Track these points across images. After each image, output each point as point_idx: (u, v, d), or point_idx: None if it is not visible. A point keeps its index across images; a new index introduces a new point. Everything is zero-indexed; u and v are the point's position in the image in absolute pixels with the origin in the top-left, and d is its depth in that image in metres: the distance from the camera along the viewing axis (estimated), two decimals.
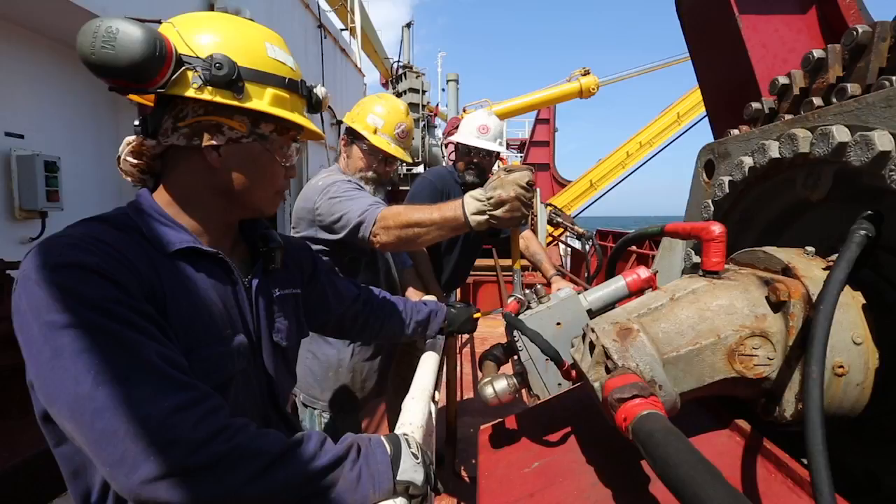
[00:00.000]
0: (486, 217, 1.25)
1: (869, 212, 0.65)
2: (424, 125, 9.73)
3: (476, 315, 1.48)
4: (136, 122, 0.82)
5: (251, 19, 0.91)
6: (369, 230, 1.45)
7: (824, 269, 0.71)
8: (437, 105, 14.30)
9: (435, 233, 1.35)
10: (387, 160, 1.84)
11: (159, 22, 0.79)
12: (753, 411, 0.76)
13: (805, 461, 0.60)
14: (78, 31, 0.69)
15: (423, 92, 10.23)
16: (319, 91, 0.91)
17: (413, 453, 0.76)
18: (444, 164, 9.99)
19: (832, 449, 0.51)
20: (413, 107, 9.55)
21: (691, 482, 0.46)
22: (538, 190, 8.39)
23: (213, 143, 0.79)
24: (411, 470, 0.73)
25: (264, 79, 0.81)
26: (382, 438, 0.77)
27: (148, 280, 0.71)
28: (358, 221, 1.47)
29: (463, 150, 2.41)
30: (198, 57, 0.75)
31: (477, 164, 2.37)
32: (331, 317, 1.20)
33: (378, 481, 0.70)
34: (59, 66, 3.33)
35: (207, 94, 0.75)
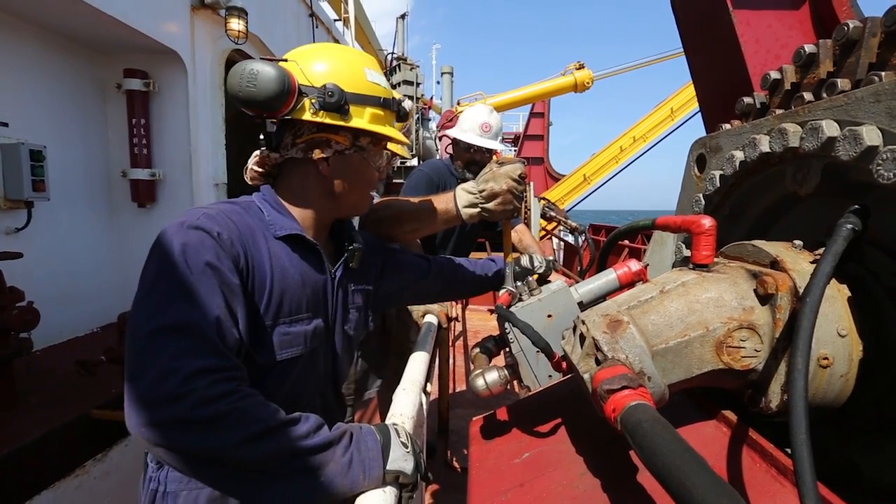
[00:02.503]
0: (477, 210, 1.24)
1: (856, 206, 0.66)
2: (418, 118, 9.67)
3: (540, 271, 1.47)
4: (262, 137, 0.99)
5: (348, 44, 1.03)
6: (362, 221, 1.44)
7: (811, 262, 0.72)
8: (432, 98, 14.21)
9: (427, 225, 1.34)
10: (391, 156, 1.83)
11: (285, 60, 0.94)
12: (740, 402, 0.77)
13: (789, 451, 0.61)
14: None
15: (418, 84, 10.16)
16: (407, 104, 1.08)
17: (403, 442, 0.78)
18: (437, 156, 9.95)
19: (815, 439, 0.52)
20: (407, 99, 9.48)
21: (677, 471, 0.46)
22: (532, 184, 8.40)
23: (324, 155, 0.96)
24: (401, 459, 0.75)
25: (364, 100, 0.97)
26: (373, 428, 0.81)
27: (254, 258, 0.86)
28: None
29: (463, 147, 2.39)
30: (314, 86, 0.92)
31: (477, 161, 2.36)
32: (404, 297, 1.35)
33: (368, 468, 0.74)
34: (44, 53, 3.25)
35: (321, 117, 0.92)
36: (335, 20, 7.46)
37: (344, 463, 0.72)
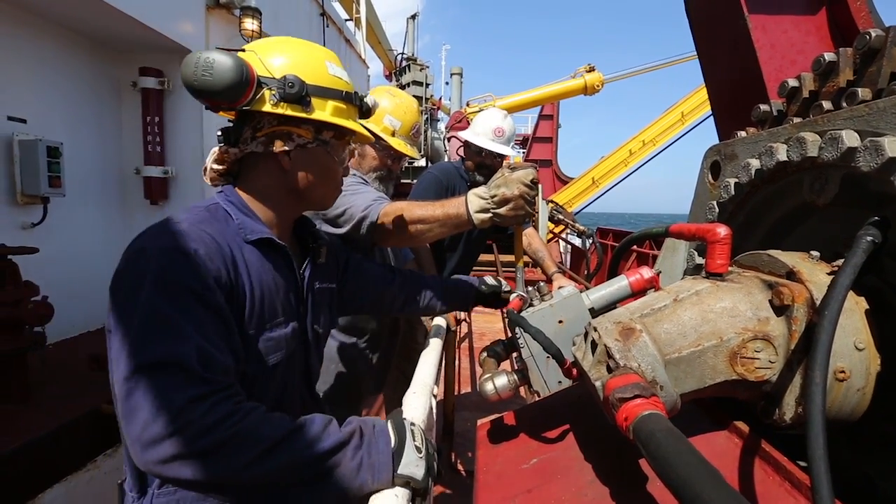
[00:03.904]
0: (489, 215, 1.24)
1: (876, 218, 0.65)
2: (427, 118, 9.69)
3: (505, 290, 1.47)
4: (219, 133, 0.97)
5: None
6: (373, 226, 1.45)
7: (829, 273, 0.71)
8: (441, 98, 14.23)
9: (438, 230, 1.34)
10: (399, 157, 1.84)
11: (242, 50, 0.92)
12: (753, 413, 0.76)
13: (802, 463, 0.60)
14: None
15: (427, 85, 10.18)
16: (369, 100, 1.06)
17: (417, 446, 0.76)
18: (446, 157, 9.95)
19: (830, 453, 0.52)
20: (416, 100, 9.51)
21: (692, 483, 0.46)
22: (540, 186, 8.36)
23: (285, 148, 0.93)
24: (413, 464, 0.74)
25: (326, 93, 0.94)
26: (389, 427, 0.79)
27: (233, 269, 0.83)
28: (361, 216, 1.47)
29: (474, 150, 2.39)
30: (273, 77, 0.89)
31: (488, 165, 2.36)
32: (364, 302, 1.32)
33: (377, 472, 0.73)
34: (62, 51, 3.31)
35: (282, 109, 0.90)
36: (346, 20, 7.50)
37: (353, 467, 0.71)
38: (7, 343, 2.28)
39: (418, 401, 0.94)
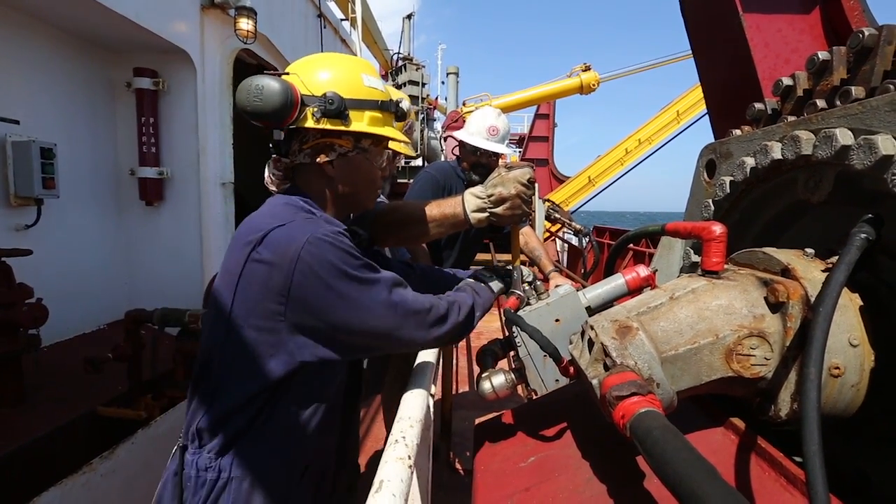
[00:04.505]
0: (486, 214, 1.24)
1: (869, 215, 0.65)
2: (424, 118, 9.68)
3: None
4: (271, 146, 1.07)
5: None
6: (370, 227, 1.44)
7: (823, 271, 0.72)
8: (437, 98, 14.22)
9: (435, 230, 1.34)
10: (393, 156, 1.83)
11: (287, 73, 1.01)
12: (749, 410, 0.77)
13: (798, 459, 0.61)
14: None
15: (423, 84, 10.16)
16: (404, 104, 1.14)
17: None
18: (442, 157, 9.95)
19: (825, 449, 0.52)
20: (412, 99, 9.49)
21: (689, 480, 0.46)
22: (537, 185, 8.37)
23: (328, 158, 1.04)
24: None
25: (363, 105, 1.04)
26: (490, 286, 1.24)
27: None
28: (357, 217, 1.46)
29: (469, 149, 2.39)
30: (315, 96, 0.99)
31: (484, 164, 2.36)
32: None
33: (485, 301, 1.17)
34: (55, 52, 3.28)
35: (323, 124, 1.00)
36: (342, 20, 7.48)
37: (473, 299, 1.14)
38: (1, 346, 2.27)
39: (416, 400, 0.94)
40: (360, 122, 1.04)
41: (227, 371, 0.96)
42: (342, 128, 1.01)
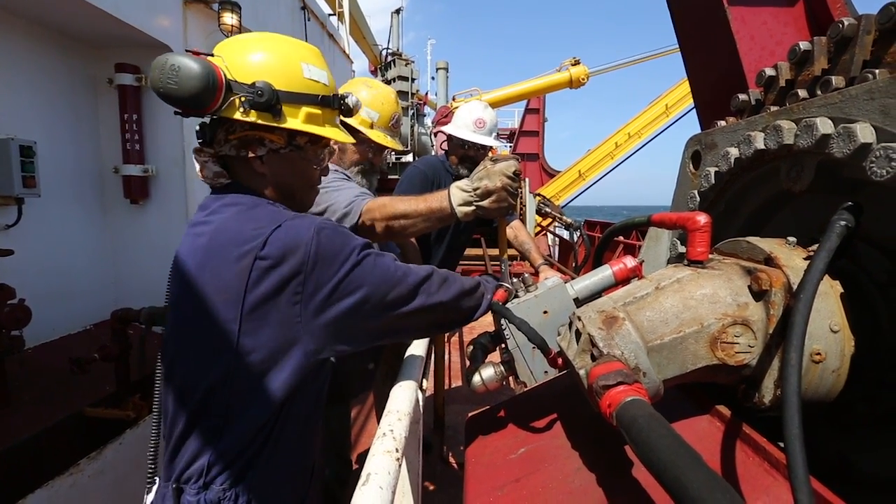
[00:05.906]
0: (472, 207, 1.24)
1: (849, 203, 0.66)
2: (413, 114, 9.62)
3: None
4: (197, 129, 0.95)
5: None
6: (355, 221, 1.43)
7: (805, 258, 0.73)
8: (427, 93, 14.15)
9: (422, 224, 1.34)
10: (380, 150, 1.82)
11: (212, 54, 0.88)
12: (733, 397, 0.78)
13: (782, 444, 0.62)
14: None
15: (413, 80, 10.10)
16: (350, 100, 1.04)
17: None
18: (432, 152, 9.91)
19: (807, 433, 0.53)
20: (402, 95, 9.42)
21: (673, 466, 0.47)
22: (527, 180, 8.39)
23: (257, 154, 0.92)
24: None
25: (299, 99, 0.92)
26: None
27: None
28: (343, 212, 1.45)
29: (457, 143, 2.38)
30: (243, 84, 0.87)
31: (471, 157, 2.35)
32: None
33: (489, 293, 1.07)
34: (34, 48, 3.20)
35: (252, 117, 0.87)
36: (329, 15, 7.40)
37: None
38: None
39: (404, 394, 0.94)
40: (295, 119, 0.92)
41: (236, 402, 0.84)
42: (273, 124, 0.90)
